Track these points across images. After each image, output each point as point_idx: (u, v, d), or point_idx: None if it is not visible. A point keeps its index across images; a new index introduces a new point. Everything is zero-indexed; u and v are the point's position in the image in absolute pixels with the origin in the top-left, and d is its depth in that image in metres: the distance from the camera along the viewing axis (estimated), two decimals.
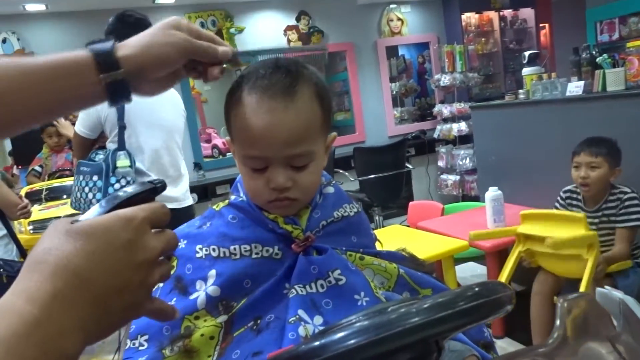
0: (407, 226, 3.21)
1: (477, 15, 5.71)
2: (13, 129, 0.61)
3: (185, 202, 2.35)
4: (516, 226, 2.29)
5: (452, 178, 5.11)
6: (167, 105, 2.30)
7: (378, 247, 0.93)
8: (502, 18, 5.80)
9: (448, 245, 2.42)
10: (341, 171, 4.53)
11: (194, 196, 3.92)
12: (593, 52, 3.09)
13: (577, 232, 2.04)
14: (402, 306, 0.53)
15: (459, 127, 5.03)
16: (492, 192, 2.65)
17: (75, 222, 0.42)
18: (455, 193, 5.10)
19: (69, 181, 3.20)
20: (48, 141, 3.92)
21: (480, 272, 3.38)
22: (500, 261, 2.57)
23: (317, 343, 0.52)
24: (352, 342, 0.50)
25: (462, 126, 5.02)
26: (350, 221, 0.88)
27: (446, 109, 5.10)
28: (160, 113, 2.24)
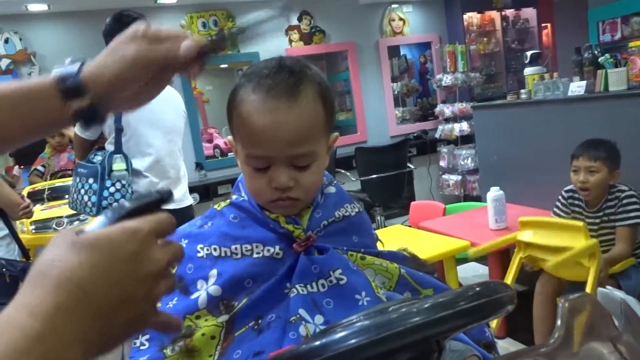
0: (409, 226, 3.20)
1: (479, 15, 5.70)
2: None
3: (183, 203, 2.35)
4: (515, 233, 2.28)
5: (454, 178, 5.10)
6: (168, 106, 2.30)
7: (379, 247, 0.93)
8: (504, 18, 5.78)
9: (450, 245, 2.42)
10: (343, 171, 4.53)
11: (196, 196, 3.92)
12: (595, 52, 3.08)
13: (577, 242, 2.01)
14: (403, 306, 0.54)
15: (461, 127, 5.02)
16: (494, 192, 2.65)
17: (80, 234, 0.42)
18: (456, 193, 5.09)
19: (71, 181, 3.21)
20: (51, 141, 3.92)
21: (482, 273, 3.37)
22: (502, 261, 2.57)
23: (318, 342, 0.52)
24: (353, 342, 0.50)
25: (464, 126, 5.00)
26: (351, 221, 0.88)
27: (448, 109, 5.09)
28: (160, 114, 2.23)
